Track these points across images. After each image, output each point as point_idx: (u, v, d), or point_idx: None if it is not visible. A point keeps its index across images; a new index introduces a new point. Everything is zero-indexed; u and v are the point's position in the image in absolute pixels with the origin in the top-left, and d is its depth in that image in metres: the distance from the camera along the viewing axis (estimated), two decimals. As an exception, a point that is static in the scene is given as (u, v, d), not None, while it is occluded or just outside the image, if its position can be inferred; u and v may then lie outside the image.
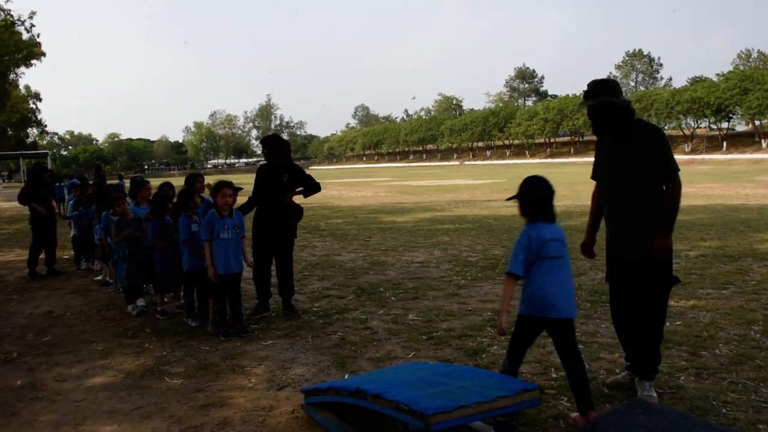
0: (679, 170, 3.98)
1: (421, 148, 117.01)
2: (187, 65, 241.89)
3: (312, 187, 6.63)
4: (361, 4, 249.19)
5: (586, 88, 4.19)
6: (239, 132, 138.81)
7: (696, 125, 78.29)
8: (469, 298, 7.01)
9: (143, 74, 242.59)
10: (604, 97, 4.02)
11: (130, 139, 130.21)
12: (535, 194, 3.71)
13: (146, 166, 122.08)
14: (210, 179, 7.03)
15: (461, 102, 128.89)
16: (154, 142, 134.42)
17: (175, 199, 7.14)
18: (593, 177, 4.45)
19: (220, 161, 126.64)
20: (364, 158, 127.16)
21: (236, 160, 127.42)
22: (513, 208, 7.22)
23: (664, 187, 3.98)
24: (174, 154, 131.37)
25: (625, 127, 4.06)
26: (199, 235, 6.13)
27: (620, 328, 4.30)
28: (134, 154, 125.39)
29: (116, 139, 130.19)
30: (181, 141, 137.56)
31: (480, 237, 12.30)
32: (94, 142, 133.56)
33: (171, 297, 7.10)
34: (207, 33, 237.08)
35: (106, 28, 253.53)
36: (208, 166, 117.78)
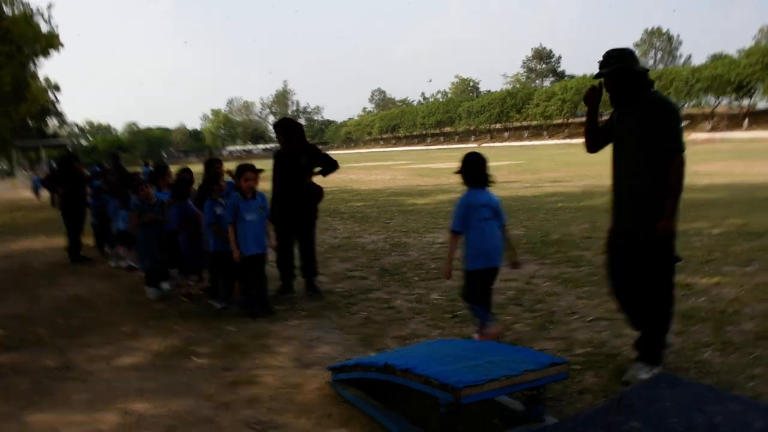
0: (683, 150, 3.81)
1: (438, 131, 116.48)
2: (205, 52, 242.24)
3: (330, 165, 6.63)
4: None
5: (601, 59, 4.02)
6: (256, 118, 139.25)
7: (717, 103, 77.03)
8: (491, 277, 6.99)
9: (161, 64, 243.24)
10: (619, 64, 3.89)
11: (149, 128, 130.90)
12: (470, 168, 4.72)
13: (165, 155, 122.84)
14: (228, 165, 7.08)
15: (478, 84, 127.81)
16: (172, 130, 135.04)
17: (195, 184, 7.22)
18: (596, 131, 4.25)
19: (238, 147, 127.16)
20: (382, 142, 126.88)
21: (253, 146, 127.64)
22: (532, 189, 7.16)
23: (670, 167, 3.81)
24: (192, 141, 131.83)
25: (642, 97, 3.91)
26: (224, 217, 6.19)
27: (619, 299, 4.21)
28: (153, 143, 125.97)
29: (134, 128, 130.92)
30: (199, 129, 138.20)
31: (500, 218, 12.24)
32: (113, 131, 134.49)
33: (196, 280, 7.16)
34: (223, 21, 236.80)
35: (124, 16, 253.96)
36: (225, 152, 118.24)
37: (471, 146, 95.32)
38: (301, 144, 6.50)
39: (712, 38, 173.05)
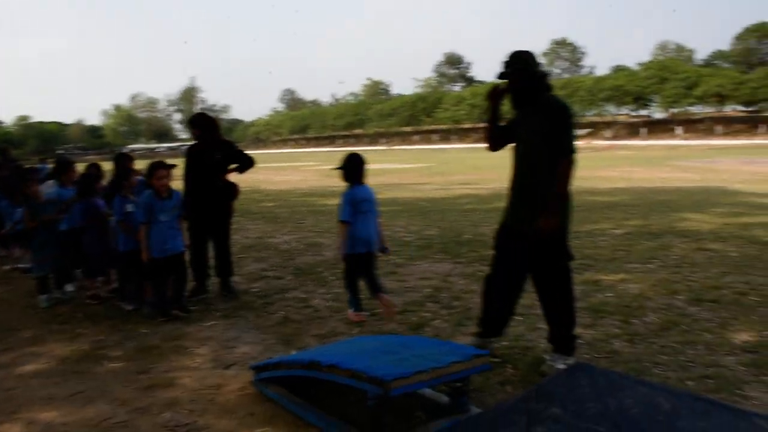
0: (575, 152, 3.97)
1: (348, 133, 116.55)
2: (105, 44, 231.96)
3: (246, 162, 6.51)
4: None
5: (504, 61, 4.13)
6: (161, 115, 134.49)
7: (617, 112, 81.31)
8: (407, 276, 7.10)
9: (54, 51, 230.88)
10: (521, 66, 4.03)
11: (42, 122, 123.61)
12: (352, 166, 5.55)
13: (61, 151, 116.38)
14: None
15: (389, 87, 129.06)
16: (68, 125, 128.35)
17: (103, 181, 6.91)
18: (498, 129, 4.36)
19: (142, 146, 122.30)
20: (291, 143, 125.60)
21: (158, 144, 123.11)
22: (442, 191, 7.34)
23: (558, 168, 3.97)
24: (91, 138, 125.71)
25: (540, 99, 4.06)
26: (134, 215, 5.96)
27: (493, 301, 4.34)
28: (47, 138, 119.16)
29: (26, 121, 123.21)
30: (98, 125, 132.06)
31: (413, 218, 12.43)
32: (1, 124, 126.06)
33: (103, 281, 6.85)
34: (126, 11, 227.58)
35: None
36: (128, 150, 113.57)
37: (381, 148, 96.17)
38: (216, 140, 6.35)
39: (614, 51, 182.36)
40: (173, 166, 5.92)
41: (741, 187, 17.41)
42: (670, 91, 69.18)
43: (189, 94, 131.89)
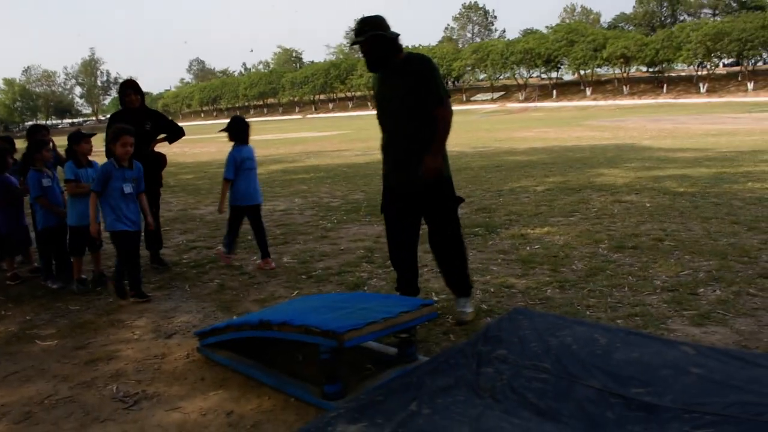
0: (449, 96, 4.18)
1: (261, 103, 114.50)
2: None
3: (176, 132, 6.36)
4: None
5: (354, 28, 4.26)
6: (60, 90, 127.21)
7: (529, 75, 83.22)
8: (338, 239, 7.15)
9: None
10: (373, 31, 4.10)
11: None
12: (237, 128, 6.14)
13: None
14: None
15: (301, 54, 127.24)
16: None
17: (15, 155, 6.57)
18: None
19: (40, 122, 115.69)
20: (203, 114, 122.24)
21: (59, 121, 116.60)
22: (364, 157, 7.38)
23: (435, 114, 4.10)
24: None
25: (397, 60, 4.15)
26: (53, 189, 5.73)
27: (399, 261, 4.44)
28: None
29: None
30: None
31: (337, 184, 12.45)
32: None
33: (21, 260, 6.56)
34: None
35: None
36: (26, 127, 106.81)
37: (295, 117, 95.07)
38: (144, 110, 6.14)
39: (524, 15, 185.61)
40: (93, 134, 5.73)
41: (649, 143, 18.35)
42: (579, 54, 71.36)
43: (90, 66, 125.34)
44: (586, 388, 2.68)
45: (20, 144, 6.78)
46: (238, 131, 6.12)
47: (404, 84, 4.10)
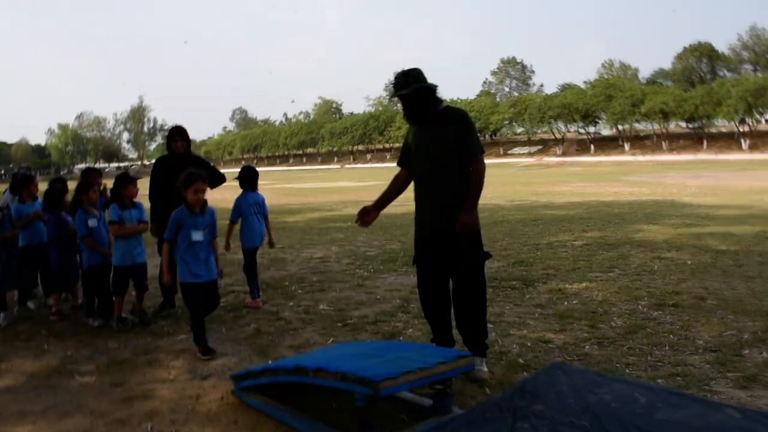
0: (483, 152, 4.24)
1: (301, 152, 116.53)
2: (51, 61, 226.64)
3: (218, 178, 6.51)
4: (239, 4, 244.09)
5: (394, 80, 4.31)
6: (109, 135, 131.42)
7: (566, 129, 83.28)
8: (375, 288, 7.15)
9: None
10: (416, 84, 4.18)
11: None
12: (245, 176, 6.72)
13: (2, 171, 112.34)
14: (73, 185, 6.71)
15: (341, 105, 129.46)
16: (11, 144, 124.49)
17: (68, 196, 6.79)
18: (399, 163, 4.61)
19: (91, 166, 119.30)
20: (243, 162, 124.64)
21: (107, 165, 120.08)
22: (401, 207, 7.46)
23: (470, 168, 4.17)
24: (36, 158, 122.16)
25: (437, 111, 4.22)
26: (99, 230, 5.90)
27: (432, 312, 4.42)
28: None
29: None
30: (43, 144, 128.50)
31: (374, 234, 12.49)
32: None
33: (65, 298, 6.71)
34: (72, 27, 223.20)
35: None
36: (76, 170, 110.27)
37: (334, 167, 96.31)
38: (187, 155, 6.33)
39: (562, 69, 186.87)
40: (138, 178, 5.93)
41: (689, 200, 18.06)
42: (617, 108, 71.32)
43: (138, 113, 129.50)
44: (626, 448, 2.61)
45: (72, 185, 7.02)
46: (247, 179, 6.69)
47: (442, 136, 4.18)
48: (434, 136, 4.21)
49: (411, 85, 4.17)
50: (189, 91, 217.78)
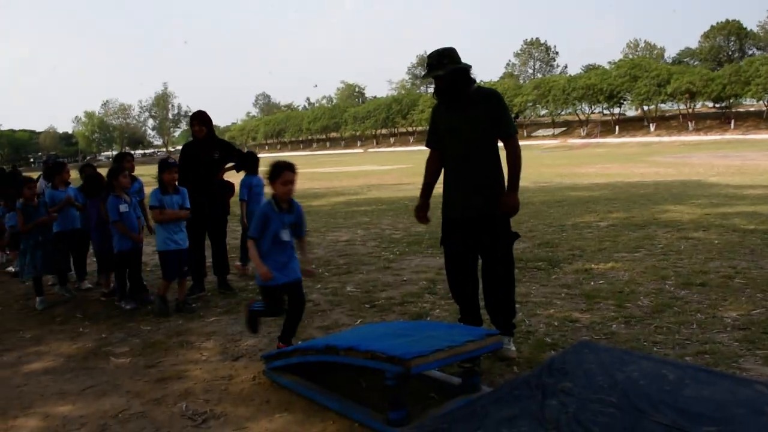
0: (517, 132, 4.26)
1: (324, 137, 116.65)
2: (77, 50, 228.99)
3: (244, 160, 6.60)
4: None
5: (428, 60, 4.26)
6: (134, 122, 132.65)
7: (590, 110, 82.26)
8: (401, 270, 7.20)
9: (24, 58, 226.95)
10: (452, 65, 4.14)
11: (12, 130, 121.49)
12: (249, 160, 7.22)
13: (32, 159, 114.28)
14: (102, 171, 6.85)
15: (364, 89, 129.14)
16: (40, 133, 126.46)
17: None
18: (429, 144, 4.53)
19: (115, 153, 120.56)
20: (267, 147, 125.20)
21: (132, 152, 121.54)
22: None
23: (505, 150, 4.19)
24: (63, 145, 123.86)
25: (469, 93, 4.19)
26: (129, 215, 6.00)
27: (460, 292, 4.43)
28: (17, 146, 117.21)
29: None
30: (70, 132, 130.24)
31: (399, 216, 12.54)
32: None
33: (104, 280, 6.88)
34: (99, 17, 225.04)
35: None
36: (101, 158, 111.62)
37: (357, 151, 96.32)
38: (213, 139, 6.41)
39: (586, 50, 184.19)
40: (176, 164, 5.97)
41: (716, 179, 17.83)
42: (642, 89, 70.24)
43: (162, 100, 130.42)
44: (655, 424, 2.63)
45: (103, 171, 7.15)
46: (252, 163, 7.29)
47: (477, 116, 4.15)
48: (467, 117, 4.18)
49: (446, 66, 4.13)
50: (213, 77, 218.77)
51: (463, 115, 4.20)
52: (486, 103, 4.17)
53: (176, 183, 5.85)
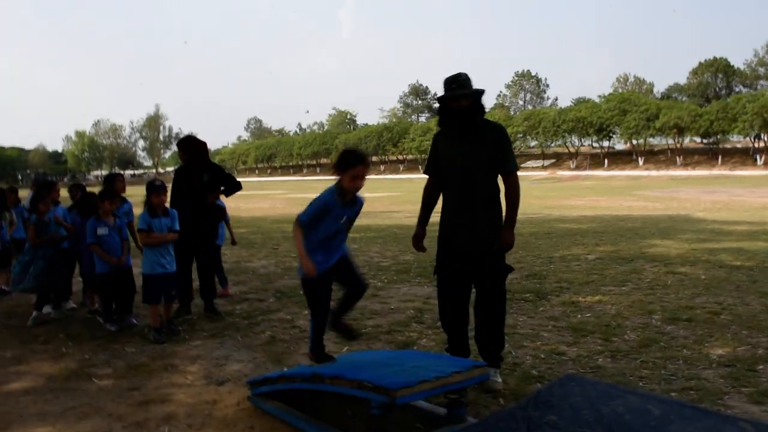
0: (518, 169, 4.27)
1: (314, 162, 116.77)
2: (68, 69, 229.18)
3: (233, 185, 6.59)
4: (254, 14, 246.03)
5: (454, 78, 4.15)
6: (125, 142, 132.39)
7: (580, 143, 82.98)
8: (389, 298, 7.19)
9: (14, 74, 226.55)
10: (475, 89, 4.14)
11: (2, 148, 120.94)
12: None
13: (20, 176, 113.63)
14: (91, 190, 6.84)
15: (355, 116, 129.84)
16: (29, 151, 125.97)
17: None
18: (427, 172, 4.51)
19: (105, 172, 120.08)
20: (257, 171, 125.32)
21: (122, 172, 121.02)
22: (414, 218, 7.56)
23: (504, 186, 4.21)
24: (52, 164, 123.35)
25: (479, 122, 4.19)
26: (109, 238, 5.95)
27: (450, 322, 4.42)
28: (6, 164, 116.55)
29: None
30: (60, 150, 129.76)
31: (388, 244, 12.55)
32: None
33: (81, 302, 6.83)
34: (87, 35, 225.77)
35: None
36: (90, 177, 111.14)
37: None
38: (204, 162, 6.42)
39: (576, 83, 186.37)
40: (165, 188, 5.94)
41: (703, 215, 18.00)
42: (632, 123, 71.02)
43: (154, 121, 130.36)
44: (640, 460, 2.63)
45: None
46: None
47: (482, 148, 4.15)
48: (471, 147, 4.16)
49: (472, 89, 4.14)
50: (205, 100, 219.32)
51: (466, 146, 4.19)
52: (492, 137, 4.17)
53: (165, 205, 5.81)
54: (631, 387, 3.95)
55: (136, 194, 6.92)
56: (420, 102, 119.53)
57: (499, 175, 4.25)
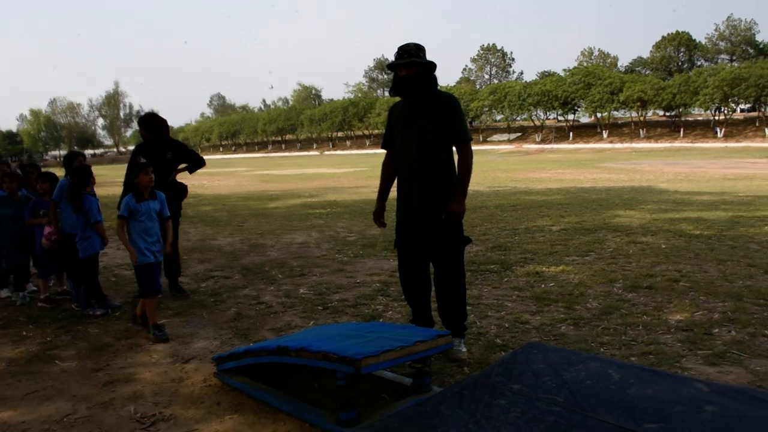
0: (471, 139, 4.27)
1: (280, 138, 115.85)
2: (23, 45, 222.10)
3: (197, 162, 6.49)
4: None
5: (403, 48, 4.16)
6: (83, 121, 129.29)
7: (545, 117, 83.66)
8: (355, 272, 7.21)
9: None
10: (425, 59, 4.15)
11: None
12: None
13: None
14: (52, 171, 6.66)
15: (320, 92, 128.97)
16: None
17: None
18: (384, 146, 4.55)
19: (63, 152, 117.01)
20: (221, 149, 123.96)
21: (81, 151, 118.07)
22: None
23: (457, 155, 4.21)
24: (6, 144, 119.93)
25: (432, 93, 4.20)
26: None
27: (413, 294, 4.46)
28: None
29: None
30: (15, 130, 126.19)
31: (354, 219, 12.54)
32: None
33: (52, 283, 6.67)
34: (47, 10, 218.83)
35: None
36: (47, 157, 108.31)
37: (313, 153, 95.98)
38: (166, 140, 6.30)
39: (541, 57, 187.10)
40: (150, 165, 5.69)
41: (665, 186, 18.35)
42: (596, 96, 71.88)
43: (113, 99, 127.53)
44: (600, 423, 2.70)
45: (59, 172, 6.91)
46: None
47: (434, 119, 4.15)
48: (423, 120, 4.17)
49: (422, 58, 4.13)
50: (167, 77, 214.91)
51: (419, 118, 4.20)
52: (444, 108, 4.17)
53: (148, 187, 5.09)
54: (592, 353, 4.04)
55: (100, 174, 6.77)
56: (386, 76, 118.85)
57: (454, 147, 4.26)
